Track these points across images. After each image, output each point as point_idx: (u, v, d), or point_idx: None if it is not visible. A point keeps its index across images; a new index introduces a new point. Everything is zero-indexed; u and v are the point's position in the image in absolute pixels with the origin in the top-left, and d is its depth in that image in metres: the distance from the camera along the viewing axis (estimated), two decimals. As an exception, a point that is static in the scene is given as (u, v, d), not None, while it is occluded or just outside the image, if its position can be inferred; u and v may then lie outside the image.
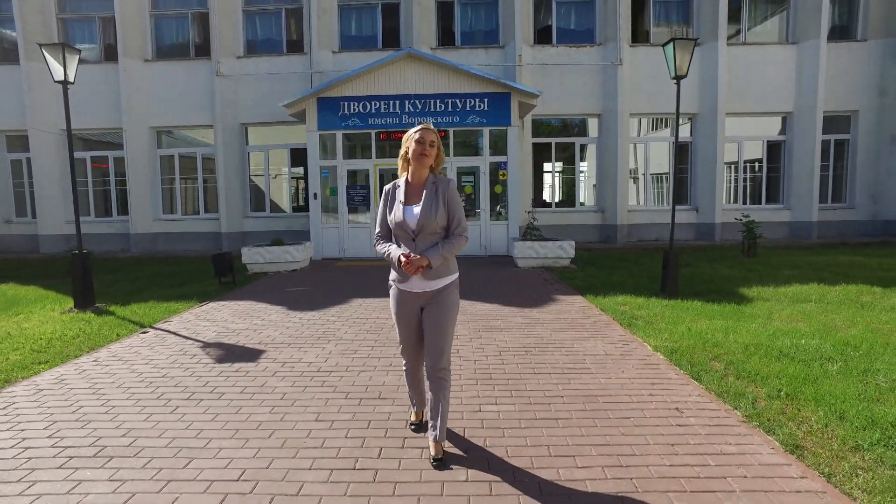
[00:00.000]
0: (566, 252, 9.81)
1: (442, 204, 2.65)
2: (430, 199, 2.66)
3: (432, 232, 2.66)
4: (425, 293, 2.70)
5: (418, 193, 2.69)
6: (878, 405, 3.21)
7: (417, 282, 2.67)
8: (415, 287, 2.69)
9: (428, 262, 2.59)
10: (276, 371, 4.26)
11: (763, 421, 3.14)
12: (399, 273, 2.71)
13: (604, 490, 2.46)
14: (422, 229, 2.64)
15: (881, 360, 4.01)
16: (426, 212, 2.63)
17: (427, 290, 2.69)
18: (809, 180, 13.60)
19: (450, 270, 2.73)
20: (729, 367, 4.09)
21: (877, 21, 13.51)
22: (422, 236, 2.65)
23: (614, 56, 13.47)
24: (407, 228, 2.66)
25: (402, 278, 2.71)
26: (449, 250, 2.66)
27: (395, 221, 2.68)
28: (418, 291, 2.70)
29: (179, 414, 3.43)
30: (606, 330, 5.35)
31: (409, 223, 2.65)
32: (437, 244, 2.67)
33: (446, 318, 2.70)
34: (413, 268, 2.58)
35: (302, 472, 2.67)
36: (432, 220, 2.63)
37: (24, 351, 5.02)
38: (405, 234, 2.68)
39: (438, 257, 2.62)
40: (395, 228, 2.71)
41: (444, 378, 2.73)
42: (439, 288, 2.70)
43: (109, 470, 2.72)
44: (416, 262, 2.58)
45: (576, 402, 3.50)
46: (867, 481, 2.44)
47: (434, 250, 2.63)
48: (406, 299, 2.74)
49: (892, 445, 2.74)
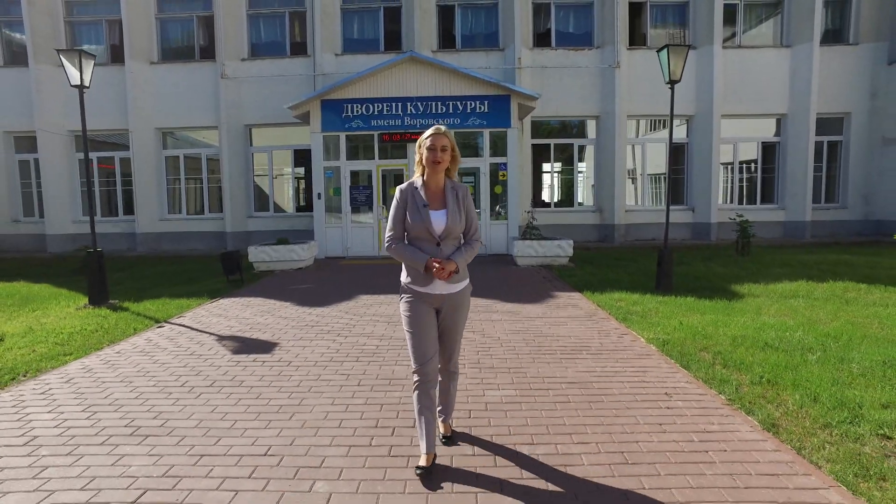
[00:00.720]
0: (565, 251, 10.08)
1: (462, 210, 2.70)
2: (454, 204, 2.68)
3: (455, 237, 2.71)
4: (442, 296, 2.71)
5: (438, 198, 2.70)
6: (849, 389, 3.48)
7: (441, 285, 2.68)
8: (438, 290, 2.69)
9: (456, 265, 2.64)
10: (291, 361, 4.53)
11: (745, 403, 3.41)
12: (418, 277, 2.68)
13: (597, 462, 2.73)
14: (448, 234, 2.66)
15: (857, 350, 4.29)
16: (453, 218, 2.66)
17: (448, 292, 2.70)
18: (803, 181, 13.90)
19: (465, 274, 2.79)
20: (717, 356, 4.36)
21: (868, 25, 13.81)
22: (446, 241, 2.67)
23: (612, 59, 13.75)
24: (433, 232, 2.65)
25: (423, 281, 2.67)
26: (469, 255, 2.73)
27: (419, 225, 2.64)
28: (439, 294, 2.70)
29: (204, 399, 3.70)
30: (602, 324, 5.62)
31: (437, 228, 2.65)
32: (460, 248, 2.72)
33: (461, 320, 2.81)
34: (446, 273, 2.60)
35: (323, 448, 2.94)
36: (458, 225, 2.67)
37: (48, 344, 5.27)
38: (429, 237, 2.66)
39: (462, 261, 2.68)
40: (416, 231, 2.66)
41: (456, 371, 2.95)
42: (457, 291, 2.74)
43: (147, 447, 2.98)
44: (448, 266, 2.60)
45: (572, 388, 3.77)
46: (832, 453, 2.71)
47: (458, 254, 2.68)
48: (424, 302, 2.71)
49: (856, 423, 3.01)
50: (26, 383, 4.08)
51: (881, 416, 3.06)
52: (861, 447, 2.76)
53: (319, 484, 2.56)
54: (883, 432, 2.90)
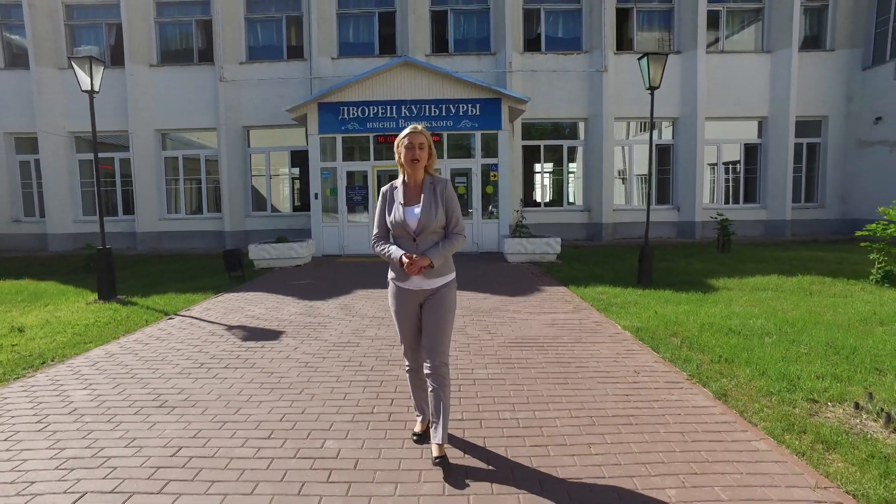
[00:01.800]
0: (553, 248, 10.54)
1: (441, 204, 2.72)
2: (430, 199, 2.71)
3: (432, 232, 2.72)
4: (424, 291, 2.75)
5: (417, 194, 2.75)
6: (793, 365, 3.95)
7: (418, 280, 2.71)
8: (415, 285, 2.73)
9: (430, 261, 2.64)
10: (297, 346, 4.95)
11: (703, 378, 3.86)
12: (399, 273, 2.75)
13: (569, 424, 3.17)
14: (423, 230, 2.69)
15: (808, 334, 4.76)
16: (426, 212, 2.69)
17: (427, 288, 2.74)
18: (783, 181, 14.45)
19: (448, 269, 2.79)
20: (684, 340, 4.81)
21: (843, 32, 14.39)
22: (422, 236, 2.70)
23: (600, 63, 14.23)
24: (408, 229, 2.70)
25: (401, 277, 2.75)
26: (449, 249, 2.71)
27: (396, 222, 2.72)
28: (418, 289, 2.75)
29: (220, 378, 4.11)
30: (584, 314, 6.07)
31: (410, 224, 2.69)
32: (438, 243, 2.72)
33: (445, 316, 2.75)
34: (416, 268, 2.62)
35: (330, 415, 3.36)
36: (432, 220, 2.69)
37: (67, 334, 5.65)
38: (406, 234, 2.72)
39: (440, 257, 2.68)
40: (394, 229, 2.75)
41: (444, 375, 2.74)
42: (438, 286, 2.75)
43: (175, 416, 3.39)
44: (418, 262, 2.62)
45: (552, 367, 4.21)
46: (767, 414, 3.17)
47: (435, 250, 2.68)
48: (405, 297, 2.78)
49: (792, 391, 3.48)
50: (57, 366, 4.48)
51: (813, 385, 3.53)
52: (792, 409, 3.22)
53: (330, 442, 2.98)
54: (812, 397, 3.37)
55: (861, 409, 3.16)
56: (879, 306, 5.85)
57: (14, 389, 3.91)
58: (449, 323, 2.78)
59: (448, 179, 2.83)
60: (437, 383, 2.72)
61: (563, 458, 2.76)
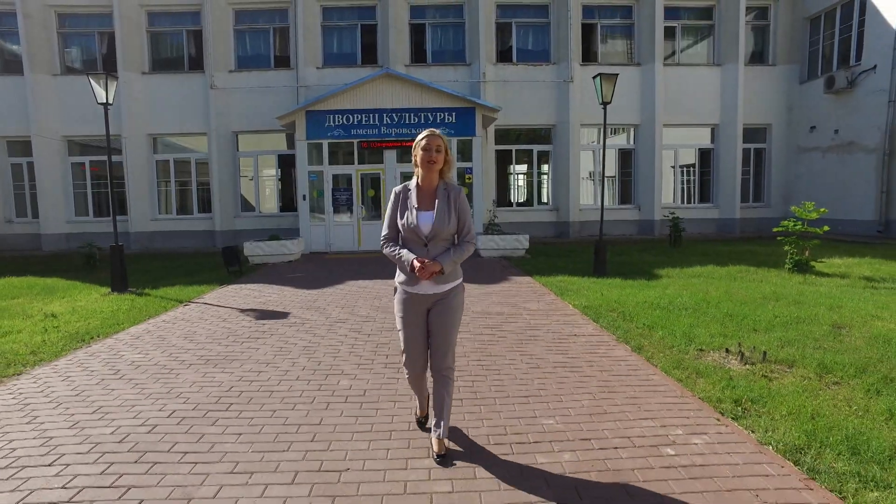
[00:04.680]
0: (522, 244, 11.69)
1: (453, 211, 2.72)
2: (444, 206, 2.70)
3: (444, 238, 2.71)
4: (433, 296, 2.76)
5: (430, 199, 2.75)
6: (696, 328, 5.12)
7: (427, 285, 2.71)
8: (424, 290, 2.73)
9: (441, 267, 2.65)
10: (305, 322, 5.96)
11: (627, 339, 5.00)
12: (409, 277, 2.72)
13: (517, 369, 4.25)
14: (435, 235, 2.68)
15: (717, 308, 5.96)
16: (441, 219, 2.68)
17: (435, 292, 2.75)
18: (733, 183, 15.90)
19: (457, 275, 2.81)
20: (620, 314, 5.96)
21: (783, 49, 15.96)
22: (434, 242, 2.69)
23: (567, 74, 15.45)
24: (420, 234, 2.69)
25: (410, 281, 2.73)
26: (459, 256, 2.72)
27: (409, 226, 2.70)
28: (427, 294, 2.75)
29: (245, 346, 5.09)
30: (542, 296, 7.20)
31: (423, 229, 2.68)
32: (449, 250, 2.73)
33: (453, 320, 2.77)
34: (427, 273, 2.62)
35: (342, 364, 4.40)
36: (446, 226, 2.69)
37: (98, 318, 6.51)
38: (417, 238, 2.71)
39: (451, 263, 2.68)
40: (406, 232, 2.73)
41: (449, 377, 2.81)
42: (446, 290, 2.77)
43: (220, 369, 4.38)
44: (430, 267, 2.62)
45: (511, 334, 5.30)
46: (665, 359, 4.32)
47: (446, 256, 2.68)
48: (414, 302, 2.77)
49: (689, 344, 4.65)
50: (104, 340, 5.40)
51: (704, 340, 4.71)
52: (684, 356, 4.38)
53: (344, 381, 4.02)
54: (700, 348, 4.54)
55: (729, 353, 4.34)
56: (781, 288, 7.12)
57: (80, 356, 4.84)
58: (456, 327, 2.81)
59: (461, 188, 2.85)
60: (441, 383, 2.79)
61: (513, 387, 3.86)
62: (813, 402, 3.36)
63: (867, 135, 13.49)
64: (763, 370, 3.96)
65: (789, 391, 3.54)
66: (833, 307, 5.81)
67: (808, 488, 2.44)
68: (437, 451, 2.76)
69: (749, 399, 3.43)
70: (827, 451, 2.73)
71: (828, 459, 2.66)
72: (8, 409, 3.60)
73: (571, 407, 3.46)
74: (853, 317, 5.33)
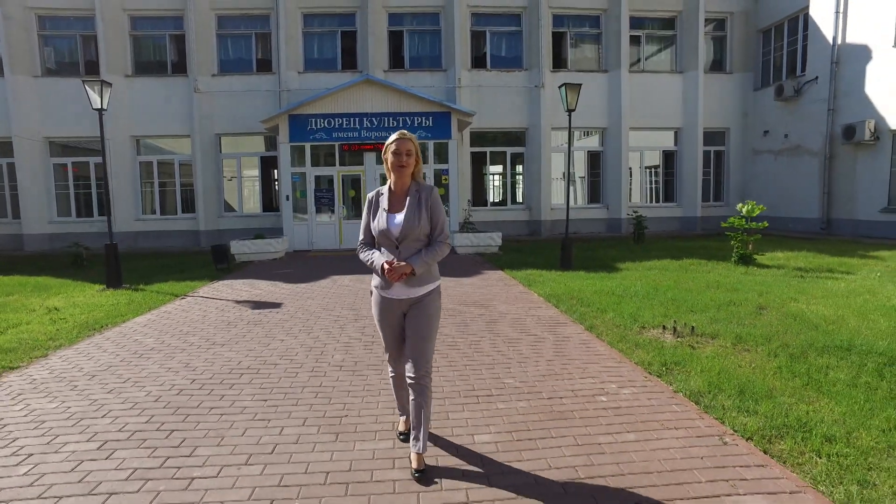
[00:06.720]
0: (495, 241, 12.44)
1: (425, 211, 2.69)
2: (414, 206, 2.69)
3: (415, 239, 2.68)
4: (408, 300, 2.72)
5: (402, 201, 2.73)
6: (642, 311, 5.91)
7: (400, 288, 2.69)
8: (398, 294, 2.71)
9: (412, 269, 2.61)
10: (296, 310, 6.58)
11: (581, 320, 5.76)
12: (382, 280, 2.70)
13: (487, 344, 4.96)
14: (405, 237, 2.66)
15: (664, 294, 6.77)
16: (409, 219, 2.66)
17: (409, 296, 2.71)
18: (694, 183, 16.95)
19: (432, 277, 2.76)
20: (578, 301, 6.72)
21: (739, 58, 17.09)
22: (405, 244, 2.67)
23: (538, 80, 16.28)
24: (390, 236, 2.67)
25: (384, 285, 2.71)
26: (432, 257, 2.68)
27: (379, 229, 2.70)
28: (401, 298, 2.72)
29: (246, 330, 5.70)
30: (511, 287, 7.94)
31: (393, 231, 2.67)
32: (420, 251, 2.69)
33: (428, 325, 2.71)
34: (396, 275, 2.60)
35: (332, 344, 5.05)
36: (415, 227, 2.66)
37: (101, 311, 6.98)
38: (389, 241, 2.69)
39: (422, 264, 2.64)
40: (378, 236, 2.74)
41: (426, 385, 2.70)
42: (422, 294, 2.73)
43: (226, 349, 4.98)
44: (399, 269, 2.60)
45: (482, 319, 6.01)
46: (612, 335, 5.09)
47: (417, 257, 2.65)
48: (389, 306, 2.75)
49: (634, 323, 5.43)
50: (115, 328, 5.94)
51: (647, 320, 5.50)
52: (628, 332, 5.16)
53: (337, 356, 4.68)
54: (643, 326, 5.32)
55: (665, 329, 5.13)
56: (724, 277, 8.00)
57: (97, 340, 5.39)
58: (433, 332, 2.74)
59: (434, 186, 2.83)
60: (418, 393, 2.68)
61: (479, 357, 4.57)
62: (722, 362, 4.15)
63: (812, 140, 14.65)
64: (690, 342, 4.75)
65: (707, 356, 4.33)
66: (762, 293, 6.68)
67: (700, 417, 3.22)
68: (416, 467, 2.66)
69: (673, 362, 4.20)
70: (721, 395, 3.51)
71: (720, 400, 3.44)
72: (48, 381, 4.16)
73: (528, 371, 4.18)
74: (775, 300, 6.20)
